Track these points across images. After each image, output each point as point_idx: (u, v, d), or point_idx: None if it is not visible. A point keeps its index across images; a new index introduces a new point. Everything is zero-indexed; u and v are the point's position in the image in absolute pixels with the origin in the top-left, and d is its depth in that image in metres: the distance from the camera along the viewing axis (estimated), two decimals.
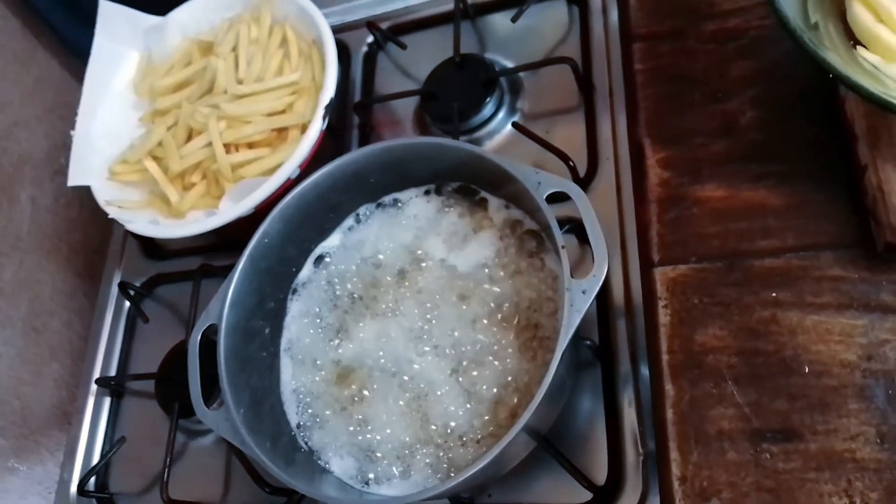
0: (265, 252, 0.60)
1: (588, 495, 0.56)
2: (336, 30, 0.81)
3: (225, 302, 0.57)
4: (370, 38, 0.81)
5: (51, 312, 0.86)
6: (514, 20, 0.73)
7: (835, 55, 0.40)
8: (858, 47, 0.42)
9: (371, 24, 0.79)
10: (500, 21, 0.78)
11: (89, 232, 0.91)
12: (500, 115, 0.73)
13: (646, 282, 0.45)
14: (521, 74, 0.73)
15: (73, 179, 0.74)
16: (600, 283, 0.49)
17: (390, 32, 0.79)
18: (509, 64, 0.74)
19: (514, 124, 0.69)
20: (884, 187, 0.41)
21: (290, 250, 0.63)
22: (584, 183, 0.65)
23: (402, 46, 0.78)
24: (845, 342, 0.41)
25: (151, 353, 0.75)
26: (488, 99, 0.72)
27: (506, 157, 0.56)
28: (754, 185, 0.46)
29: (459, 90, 0.73)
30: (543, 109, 0.72)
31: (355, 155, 0.60)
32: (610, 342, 0.60)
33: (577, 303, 0.49)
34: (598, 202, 0.63)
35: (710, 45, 0.49)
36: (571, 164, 0.65)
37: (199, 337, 0.57)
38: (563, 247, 0.51)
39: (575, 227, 0.62)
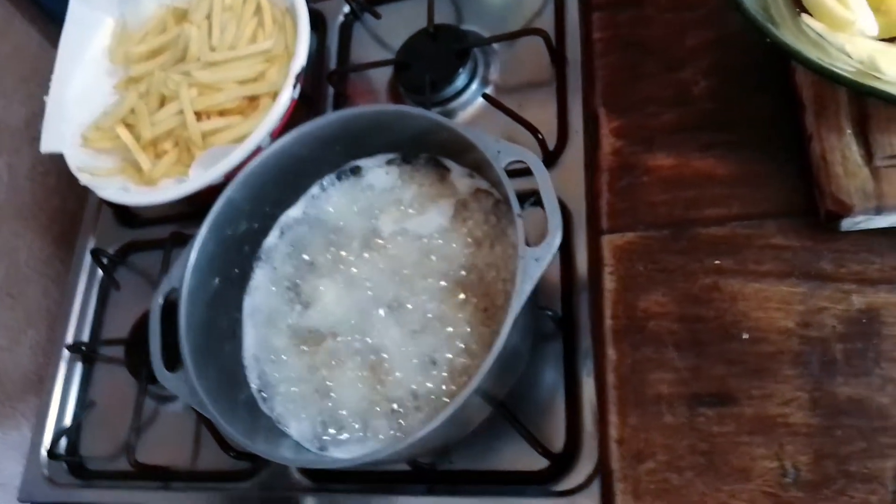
0: (229, 218, 0.62)
1: (545, 462, 0.58)
2: None
3: (187, 267, 0.59)
4: (346, 9, 0.82)
5: (27, 279, 0.88)
6: None
7: (780, 23, 0.41)
8: (803, 14, 0.43)
9: None
10: None
11: (66, 200, 0.93)
12: (473, 86, 0.74)
13: (594, 249, 0.47)
14: (496, 47, 0.75)
15: (46, 146, 0.75)
16: (553, 251, 0.51)
17: (366, 2, 0.80)
18: (484, 35, 0.75)
19: (485, 96, 0.71)
20: (827, 157, 0.42)
21: (255, 217, 0.64)
22: (554, 156, 0.67)
23: (377, 16, 0.79)
24: (784, 309, 0.43)
25: (123, 320, 0.77)
26: (461, 70, 0.73)
27: (476, 128, 0.57)
28: (704, 154, 0.47)
29: (432, 60, 0.74)
30: (516, 82, 0.73)
31: (320, 122, 0.62)
32: (572, 314, 0.61)
33: (530, 270, 0.51)
34: (567, 175, 0.64)
35: (667, 14, 0.50)
36: (540, 136, 0.66)
37: (162, 300, 0.59)
38: (519, 215, 0.53)
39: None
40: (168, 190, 0.72)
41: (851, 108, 0.42)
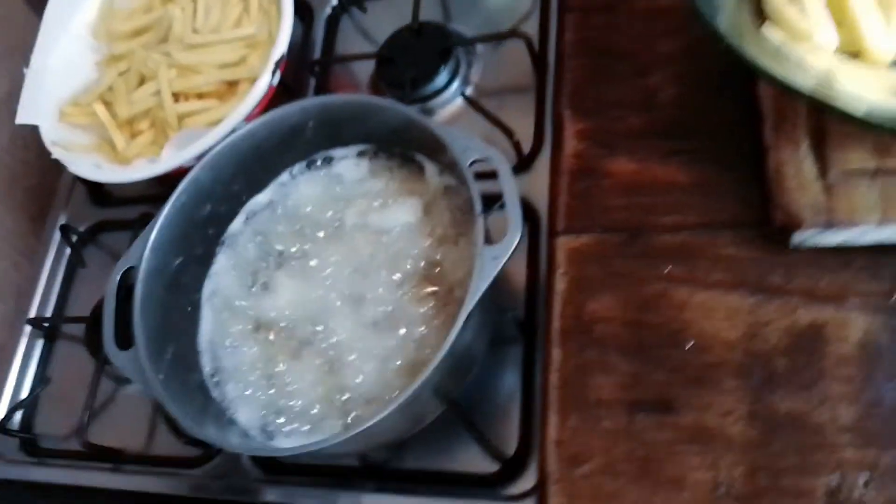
0: (194, 198, 0.62)
1: (496, 465, 0.58)
2: None
3: (146, 245, 0.59)
4: (334, 1, 0.83)
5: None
6: None
7: (742, 32, 0.41)
8: (765, 24, 0.43)
9: None
10: None
11: (45, 176, 0.93)
12: (454, 86, 0.74)
13: (549, 249, 0.46)
14: (480, 49, 0.75)
15: (22, 117, 0.76)
16: (511, 249, 0.51)
17: None
18: (469, 36, 0.76)
19: (464, 96, 0.71)
20: (782, 169, 0.42)
21: (221, 199, 0.65)
22: (528, 160, 0.67)
23: (363, 9, 0.79)
24: (730, 320, 0.43)
25: (88, 298, 0.78)
26: (442, 68, 0.73)
27: (453, 128, 0.57)
28: (665, 160, 0.47)
29: (415, 57, 0.74)
30: (498, 85, 0.74)
31: (292, 108, 0.62)
32: (535, 317, 0.61)
33: (487, 268, 0.51)
34: (539, 180, 0.65)
35: (639, 20, 0.51)
36: (515, 139, 0.66)
37: (118, 278, 0.59)
38: (480, 212, 0.53)
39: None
40: (140, 169, 0.72)
41: (809, 122, 0.42)
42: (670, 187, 0.47)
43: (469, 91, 0.74)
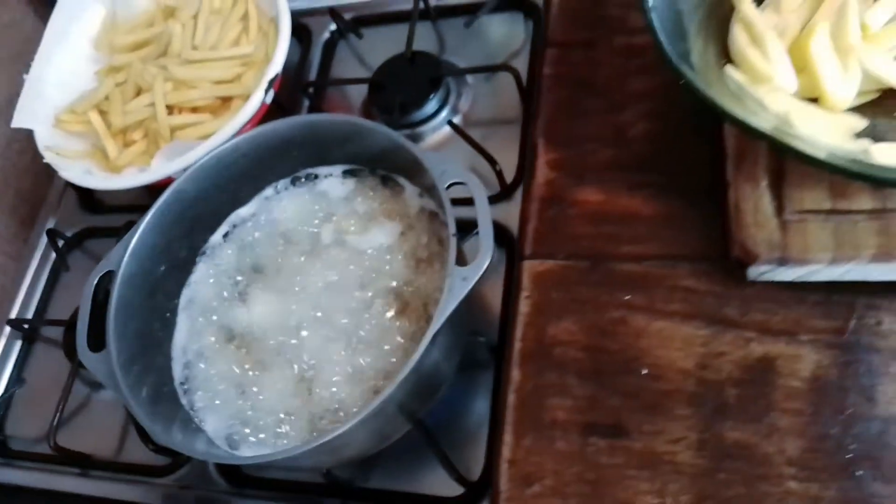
0: (177, 208, 0.64)
1: (460, 489, 0.58)
2: (303, 13, 0.86)
3: (126, 251, 0.61)
4: (333, 26, 0.85)
5: None
6: (466, 26, 0.77)
7: (706, 72, 0.43)
8: (728, 65, 0.45)
9: (333, 12, 0.83)
10: (460, 25, 0.82)
11: (39, 181, 0.95)
12: (443, 114, 0.77)
13: (516, 273, 0.48)
14: (470, 80, 0.77)
15: (18, 121, 0.78)
16: (481, 271, 0.52)
17: (351, 23, 0.83)
18: (460, 66, 0.78)
19: (451, 123, 0.73)
20: (740, 205, 0.44)
21: (204, 211, 0.66)
22: (510, 189, 0.69)
23: (359, 36, 0.82)
24: (685, 350, 0.44)
25: (70, 303, 0.79)
26: (432, 96, 0.76)
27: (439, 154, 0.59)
28: (631, 193, 0.49)
29: (406, 84, 0.77)
30: (485, 115, 0.76)
31: (278, 125, 0.64)
32: (506, 343, 0.62)
33: (456, 289, 0.52)
34: (520, 208, 0.66)
35: (616, 58, 0.53)
36: (498, 168, 0.68)
37: (95, 281, 0.60)
38: (453, 234, 0.54)
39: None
40: (129, 177, 0.74)
41: (769, 161, 0.44)
42: (634, 219, 0.48)
43: (457, 119, 0.76)
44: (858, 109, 0.45)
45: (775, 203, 0.43)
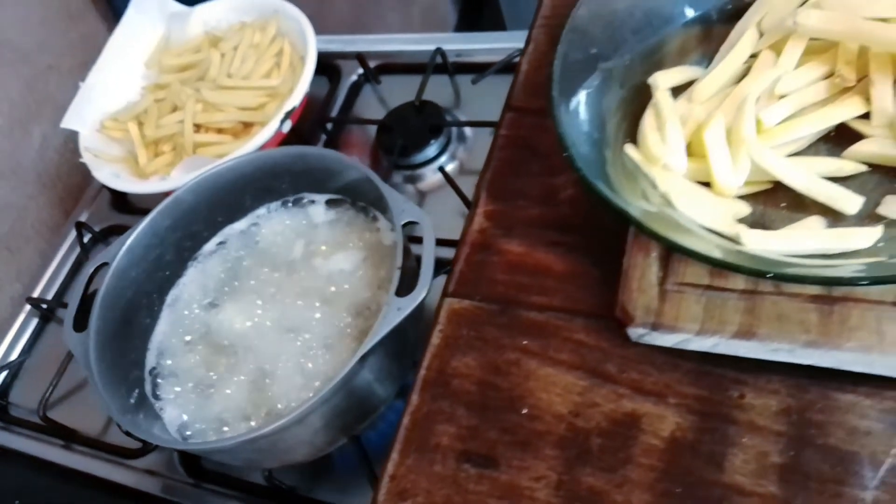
0: (175, 215, 0.73)
1: None
2: (337, 55, 0.96)
3: (122, 246, 0.70)
4: (360, 71, 0.94)
5: (28, 238, 1.02)
6: (473, 83, 0.85)
7: (613, 148, 0.49)
8: (627, 144, 0.51)
9: (360, 57, 0.92)
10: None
11: (86, 179, 1.07)
12: (441, 160, 0.84)
13: (436, 308, 0.54)
14: (470, 133, 0.85)
15: (67, 122, 0.90)
16: (415, 303, 0.59)
17: (375, 70, 0.93)
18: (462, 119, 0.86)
19: (441, 169, 0.80)
20: (630, 272, 0.49)
21: (200, 221, 0.76)
22: None
23: (377, 82, 0.91)
24: (563, 396, 0.49)
25: None
26: (432, 142, 0.83)
27: (431, 196, 0.66)
28: (548, 249, 0.55)
29: (411, 129, 0.85)
30: (479, 165, 0.82)
31: (274, 152, 0.73)
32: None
33: (390, 316, 0.59)
34: None
35: None
36: None
37: (92, 269, 0.70)
38: (398, 267, 0.62)
39: None
40: (151, 184, 0.84)
41: None
42: (546, 272, 0.54)
43: (452, 166, 0.84)
44: (751, 197, 0.50)
45: (660, 273, 0.48)
